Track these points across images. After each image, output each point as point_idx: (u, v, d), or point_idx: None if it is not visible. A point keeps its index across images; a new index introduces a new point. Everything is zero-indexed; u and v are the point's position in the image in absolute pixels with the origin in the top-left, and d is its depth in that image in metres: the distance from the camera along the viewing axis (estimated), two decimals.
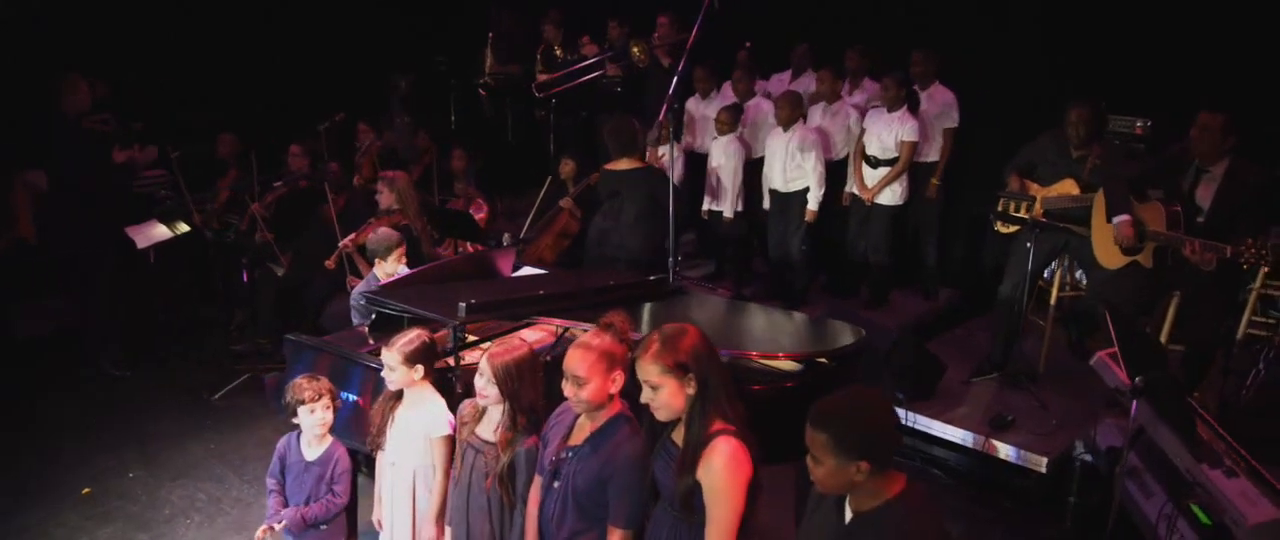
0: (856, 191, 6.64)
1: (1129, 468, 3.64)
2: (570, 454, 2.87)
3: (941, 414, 5.24)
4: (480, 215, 7.34)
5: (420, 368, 3.37)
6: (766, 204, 6.88)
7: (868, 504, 2.31)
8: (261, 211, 6.68)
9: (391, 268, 5.01)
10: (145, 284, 6.75)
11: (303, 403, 3.61)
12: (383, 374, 3.38)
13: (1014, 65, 6.66)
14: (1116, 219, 4.57)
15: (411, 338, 3.36)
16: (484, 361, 3.08)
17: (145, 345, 6.54)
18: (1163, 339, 4.69)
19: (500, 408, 3.14)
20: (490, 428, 3.17)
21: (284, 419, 3.70)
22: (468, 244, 6.55)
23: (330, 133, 7.98)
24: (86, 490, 4.93)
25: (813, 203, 6.58)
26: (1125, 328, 3.62)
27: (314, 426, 3.64)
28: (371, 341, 4.37)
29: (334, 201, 6.31)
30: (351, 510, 3.80)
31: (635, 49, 7.77)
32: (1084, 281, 6.03)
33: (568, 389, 2.81)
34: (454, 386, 3.69)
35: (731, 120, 6.85)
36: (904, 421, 5.08)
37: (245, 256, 6.36)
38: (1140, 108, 6.19)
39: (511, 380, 3.08)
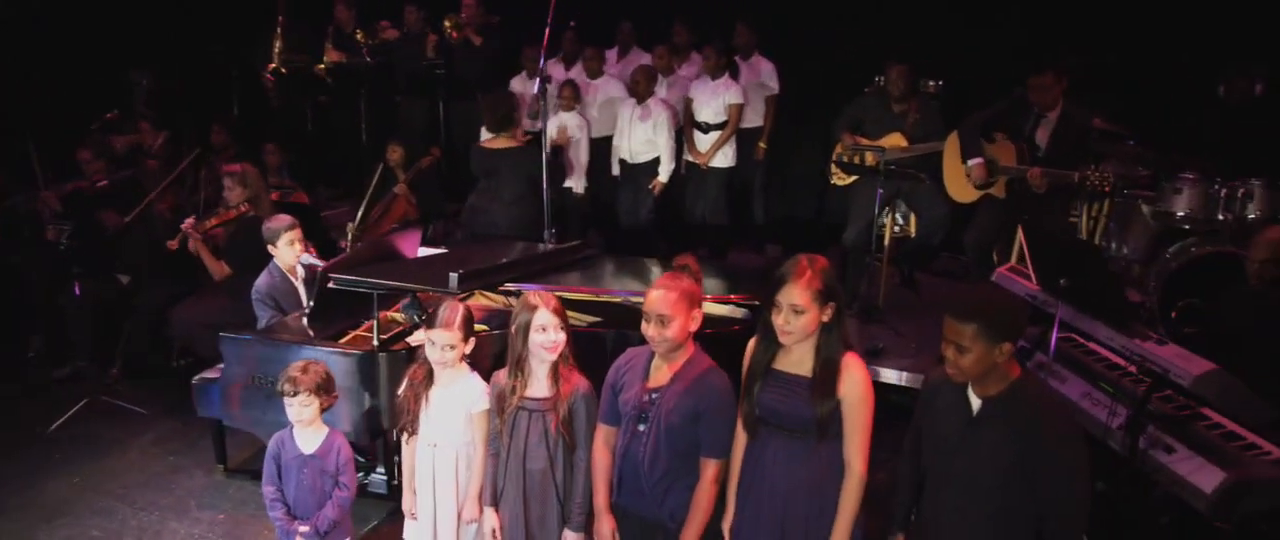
0: (690, 157, 7.05)
1: (1038, 363, 4.27)
2: (656, 395, 2.95)
3: None
4: None
5: (472, 340, 3.28)
6: (615, 171, 7.11)
7: (995, 388, 2.60)
8: (55, 203, 5.92)
9: (288, 252, 4.66)
10: None
11: (281, 394, 3.40)
12: (433, 356, 3.23)
13: (825, 35, 7.34)
14: (971, 162, 5.27)
15: (458, 310, 3.25)
16: (543, 314, 3.06)
17: None
18: (1012, 259, 5.47)
19: (547, 364, 3.14)
20: (539, 385, 3.15)
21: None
22: None
23: (102, 132, 7.23)
24: None
25: (663, 174, 6.91)
26: (1038, 239, 4.24)
27: (294, 418, 3.43)
28: (312, 332, 4.13)
29: (158, 200, 5.76)
30: None
31: (447, 22, 7.69)
32: (907, 223, 6.78)
33: (651, 330, 2.89)
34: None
35: (574, 95, 6.99)
36: None
37: (76, 266, 5.59)
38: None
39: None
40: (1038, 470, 2.54)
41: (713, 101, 6.87)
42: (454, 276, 3.57)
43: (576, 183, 7.05)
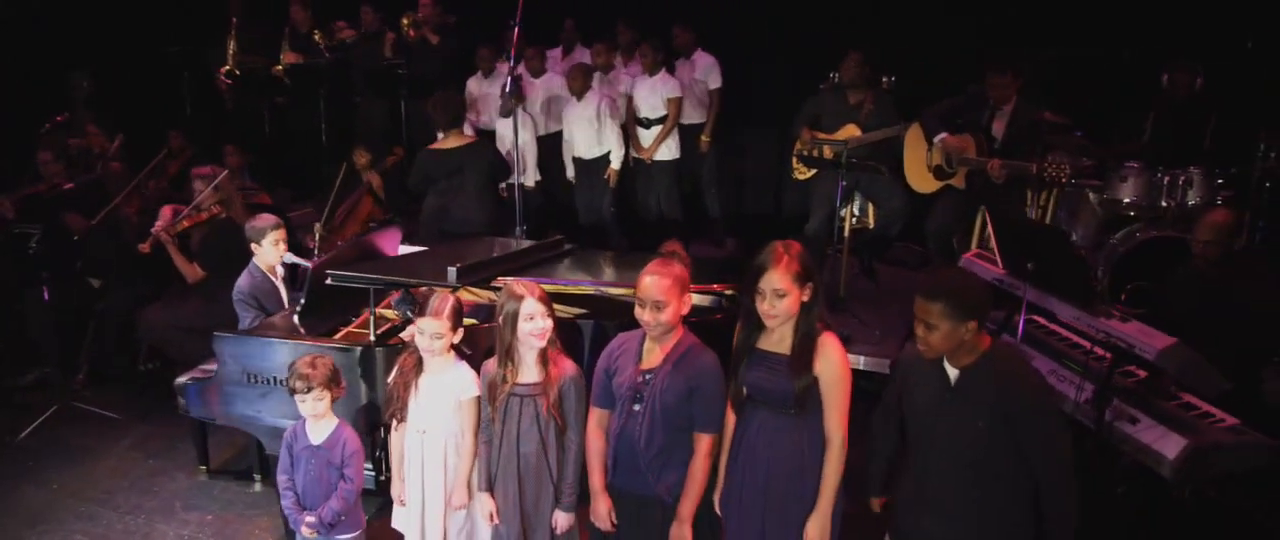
0: (635, 152, 7.21)
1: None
2: (650, 376, 3.08)
3: None
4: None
5: (461, 330, 3.35)
6: (570, 173, 7.23)
7: (967, 360, 2.77)
8: (10, 210, 5.81)
9: (273, 251, 4.66)
10: None
11: (294, 391, 3.44)
12: (423, 345, 3.30)
13: (776, 34, 7.52)
14: (938, 137, 5.50)
15: (448, 301, 3.32)
16: (531, 303, 3.15)
17: None
18: (973, 246, 5.71)
19: (535, 351, 3.23)
20: (529, 372, 3.24)
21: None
22: None
23: (53, 134, 7.10)
24: None
25: (615, 163, 7.06)
26: (1005, 225, 4.45)
27: (308, 413, 3.47)
28: (303, 329, 4.16)
29: (124, 202, 5.70)
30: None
31: (405, 21, 7.72)
32: (865, 215, 6.99)
33: (646, 314, 3.01)
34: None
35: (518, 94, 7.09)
36: None
37: (45, 271, 5.49)
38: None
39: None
40: (1019, 434, 2.71)
41: (651, 97, 7.05)
42: (453, 270, 3.64)
43: (527, 178, 7.14)
